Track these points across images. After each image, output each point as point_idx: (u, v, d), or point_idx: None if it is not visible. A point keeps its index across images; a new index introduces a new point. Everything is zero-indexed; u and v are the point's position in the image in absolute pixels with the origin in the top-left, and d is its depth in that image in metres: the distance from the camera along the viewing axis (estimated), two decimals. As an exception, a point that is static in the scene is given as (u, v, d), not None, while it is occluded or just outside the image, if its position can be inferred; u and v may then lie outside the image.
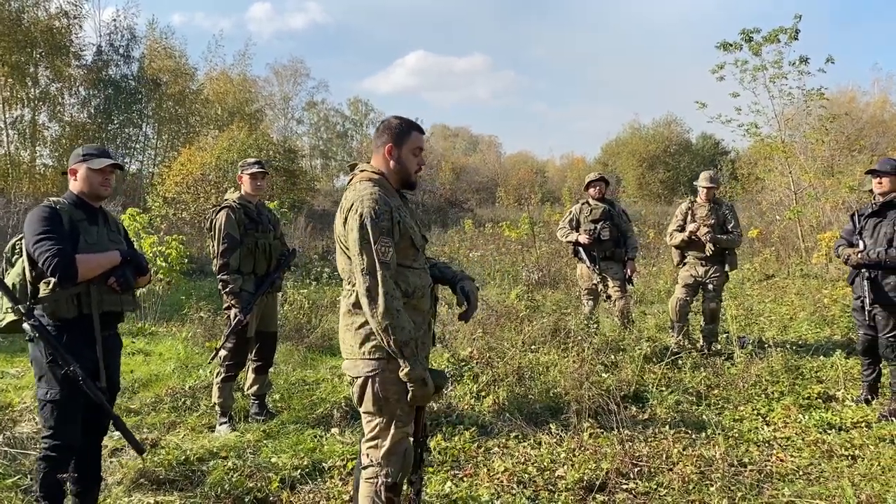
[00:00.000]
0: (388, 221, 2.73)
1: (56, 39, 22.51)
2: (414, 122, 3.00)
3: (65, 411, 3.19)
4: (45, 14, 22.52)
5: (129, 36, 26.07)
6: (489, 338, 6.46)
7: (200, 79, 29.06)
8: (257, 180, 5.06)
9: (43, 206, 3.24)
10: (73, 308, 3.17)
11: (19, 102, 22.30)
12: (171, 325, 8.31)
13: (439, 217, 23.94)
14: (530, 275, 8.56)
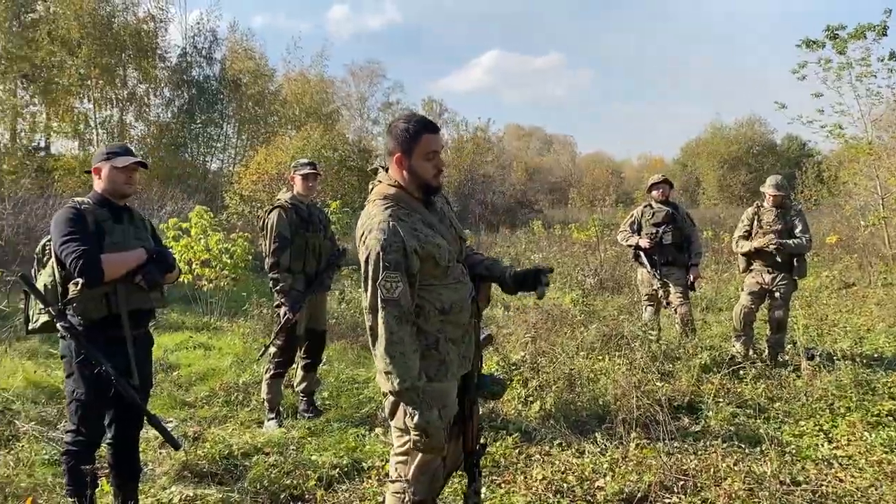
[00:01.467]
0: (398, 253, 2.50)
1: (143, 42, 23.54)
2: (425, 123, 2.70)
3: (89, 410, 3.27)
4: (133, 18, 23.61)
5: (212, 38, 27.01)
6: (542, 342, 6.37)
7: (279, 80, 29.87)
8: (308, 181, 5.13)
9: (68, 207, 3.28)
10: (101, 308, 3.22)
11: (108, 103, 23.42)
12: (234, 320, 8.54)
13: (508, 217, 23.83)
14: (586, 278, 8.38)
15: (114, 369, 3.19)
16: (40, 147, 24.37)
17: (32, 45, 21.38)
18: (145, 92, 24.44)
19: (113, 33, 22.61)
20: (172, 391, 5.78)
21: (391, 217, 2.56)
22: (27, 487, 3.78)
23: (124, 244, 3.31)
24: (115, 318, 3.25)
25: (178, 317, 8.88)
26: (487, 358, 6.22)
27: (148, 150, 24.63)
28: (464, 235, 2.93)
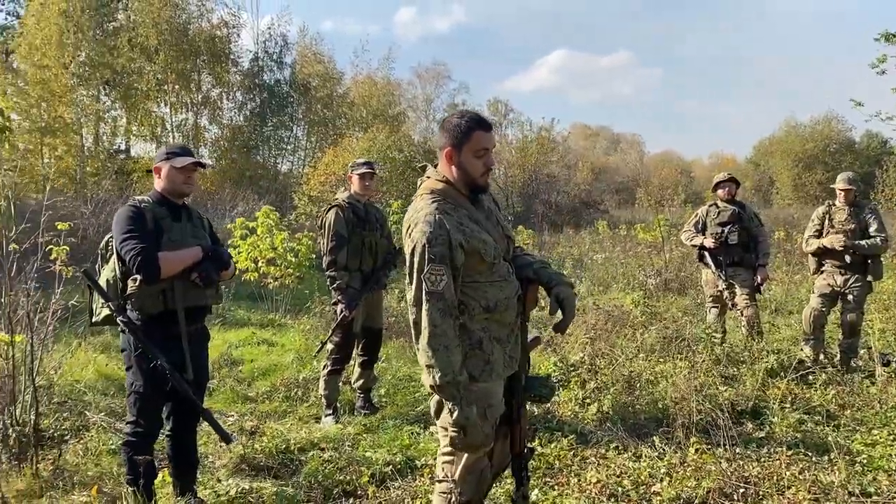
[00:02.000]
0: (444, 246, 2.50)
1: (217, 48, 24.28)
2: (478, 119, 2.70)
3: (146, 402, 3.37)
4: (207, 25, 24.37)
5: (282, 43, 27.64)
6: (601, 343, 6.27)
7: (347, 83, 30.36)
8: (365, 180, 5.19)
9: (128, 206, 3.39)
10: (158, 303, 3.31)
11: (184, 106, 24.26)
12: (298, 317, 8.71)
13: (573, 218, 23.57)
14: (647, 279, 8.21)
15: (169, 363, 3.29)
16: (121, 150, 25.47)
17: (114, 53, 22.33)
18: (218, 96, 25.23)
19: (188, 40, 23.40)
20: (235, 386, 5.94)
21: (437, 210, 2.56)
22: (94, 476, 3.94)
23: (182, 242, 3.40)
24: (171, 314, 3.35)
25: (245, 313, 9.12)
26: (544, 359, 6.18)
27: (221, 153, 25.41)
28: (511, 235, 2.91)
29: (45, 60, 21.34)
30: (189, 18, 23.81)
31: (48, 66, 21.34)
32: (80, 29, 22.03)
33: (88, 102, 23.04)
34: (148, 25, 22.72)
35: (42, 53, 21.34)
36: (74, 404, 5.08)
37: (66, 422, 4.70)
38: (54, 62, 21.40)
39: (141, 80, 22.98)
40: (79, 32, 22.02)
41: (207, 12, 24.34)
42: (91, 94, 23.37)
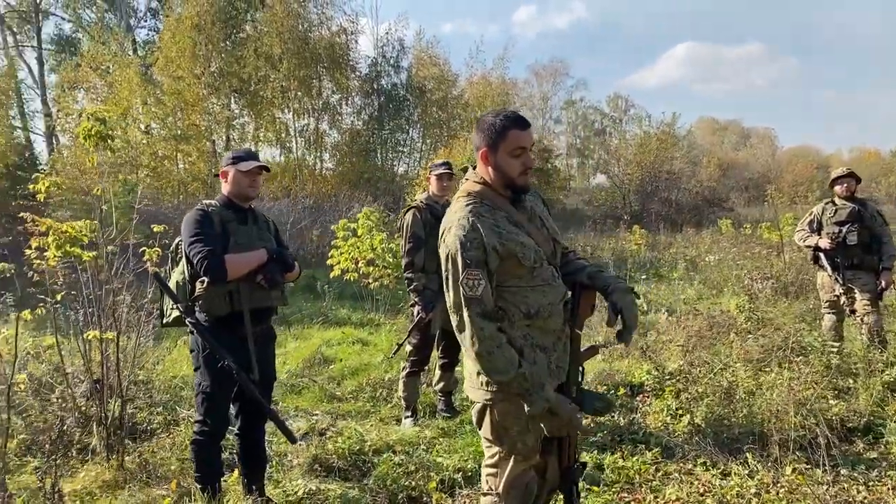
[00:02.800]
0: (478, 250, 2.44)
1: (336, 55, 25.03)
2: (513, 118, 2.57)
3: (214, 402, 3.45)
4: (327, 32, 25.18)
5: (399, 47, 28.13)
6: (701, 351, 5.92)
7: (462, 84, 30.51)
8: (443, 181, 5.12)
9: (196, 210, 3.47)
10: (225, 305, 3.38)
11: (306, 112, 25.18)
12: (396, 317, 8.79)
13: (694, 216, 22.54)
14: (753, 283, 7.64)
15: (236, 364, 3.35)
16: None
17: (241, 63, 23.50)
18: (338, 101, 25.98)
19: (309, 47, 24.26)
20: (324, 384, 6.03)
21: (471, 213, 2.50)
22: (175, 470, 4.09)
23: (248, 245, 3.45)
24: (237, 315, 3.41)
25: (347, 313, 9.31)
26: (637, 366, 5.91)
27: (341, 156, 26.21)
28: (559, 237, 2.76)
29: (179, 72, 22.76)
30: (310, 27, 24.68)
31: (182, 77, 22.74)
32: (211, 41, 23.34)
33: (219, 110, 24.36)
34: (272, 35, 23.73)
35: (177, 65, 22.76)
36: (169, 400, 5.32)
37: (158, 416, 4.91)
38: (188, 73, 22.78)
39: (266, 87, 24.06)
40: (209, 44, 23.34)
41: (327, 20, 25.17)
42: (222, 102, 24.70)
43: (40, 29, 28.59)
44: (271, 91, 24.12)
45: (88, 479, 3.95)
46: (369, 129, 27.06)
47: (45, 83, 27.87)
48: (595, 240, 17.05)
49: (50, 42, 29.33)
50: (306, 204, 19.40)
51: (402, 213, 5.16)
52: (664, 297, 8.71)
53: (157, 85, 23.33)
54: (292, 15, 24.14)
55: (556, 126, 41.11)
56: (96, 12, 30.10)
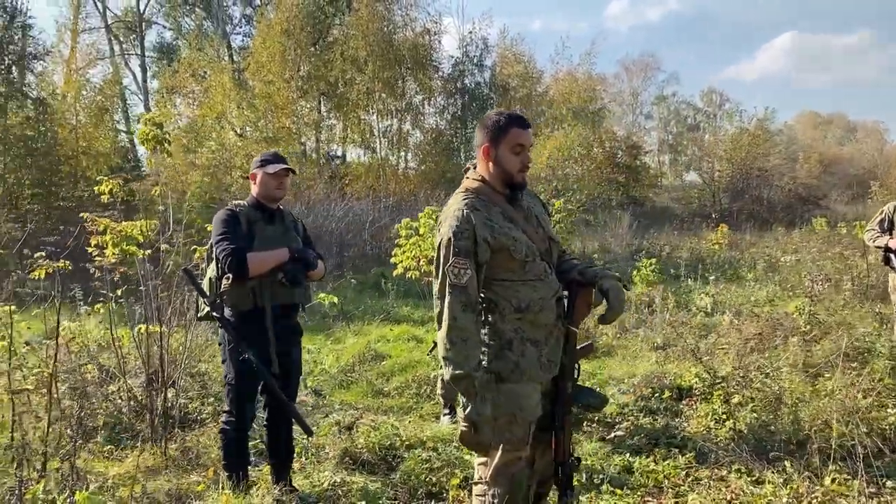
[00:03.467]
0: (469, 241, 2.53)
1: (420, 55, 25.35)
2: (515, 116, 2.72)
3: (238, 393, 3.60)
4: (411, 34, 25.53)
5: (483, 46, 28.17)
6: (756, 355, 5.72)
7: (547, 81, 30.30)
8: None
9: (224, 210, 3.65)
10: (248, 301, 3.52)
11: (389, 113, 25.63)
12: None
13: (787, 215, 21.53)
14: (814, 284, 7.26)
15: (259, 358, 3.50)
16: (336, 156, 27.53)
17: (328, 66, 24.18)
18: (421, 102, 26.30)
19: (393, 49, 24.66)
20: (372, 380, 6.17)
21: (466, 206, 2.60)
22: (215, 458, 4.26)
23: (272, 244, 3.59)
24: (261, 311, 3.55)
25: (409, 310, 9.46)
26: (686, 369, 5.77)
27: (423, 156, 26.53)
28: (555, 238, 2.88)
29: (269, 76, 23.60)
30: (394, 28, 25.09)
31: (272, 81, 23.58)
32: (300, 45, 24.08)
33: (307, 112, 25.13)
34: (358, 38, 24.27)
35: (267, 70, 23.61)
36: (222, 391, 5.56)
37: (209, 406, 5.16)
38: (277, 77, 23.59)
39: (352, 89, 24.63)
40: (298, 49, 24.09)
41: (411, 21, 25.52)
42: (310, 105, 25.48)
43: (143, 37, 30.35)
44: (356, 93, 24.66)
45: (133, 463, 4.20)
46: (452, 129, 27.26)
47: (147, 89, 29.55)
48: (677, 239, 16.60)
49: (152, 50, 31.05)
50: (388, 203, 19.76)
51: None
52: (733, 298, 8.42)
53: (248, 89, 24.28)
54: (377, 17, 24.60)
55: (647, 122, 40.19)
56: (195, 20, 31.61)
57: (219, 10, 29.92)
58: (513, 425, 2.65)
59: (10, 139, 18.72)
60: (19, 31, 18.92)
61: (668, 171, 38.31)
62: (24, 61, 19.14)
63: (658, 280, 8.96)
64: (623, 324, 7.79)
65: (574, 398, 2.89)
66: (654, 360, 6.31)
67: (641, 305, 8.24)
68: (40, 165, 18.86)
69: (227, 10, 30.74)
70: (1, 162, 18.97)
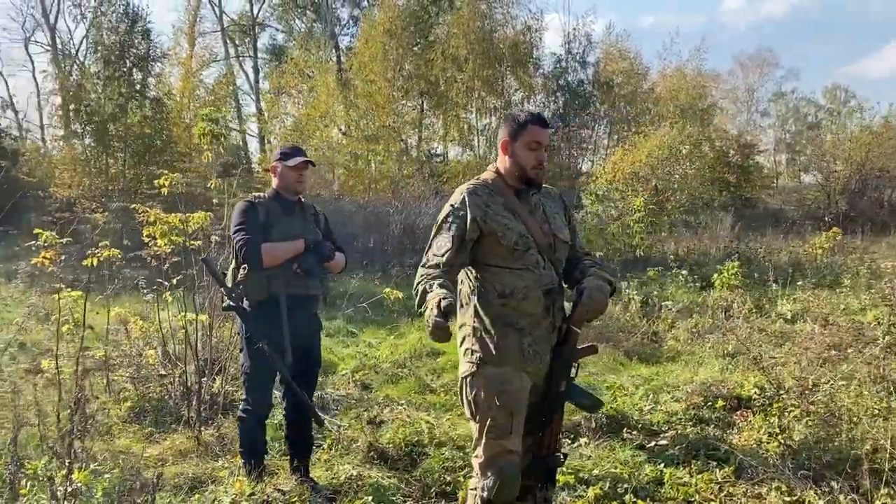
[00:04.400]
0: (461, 219, 2.73)
1: (520, 53, 25.18)
2: (536, 116, 2.87)
3: (254, 381, 3.69)
4: (512, 31, 25.40)
5: (586, 42, 27.65)
6: (828, 366, 5.32)
7: (653, 77, 29.37)
8: None
9: (244, 201, 3.74)
10: (264, 291, 3.60)
11: (488, 112, 25.59)
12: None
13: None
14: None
15: (271, 347, 3.56)
16: (437, 154, 27.80)
17: (429, 65, 24.44)
18: (520, 100, 26.09)
19: (493, 47, 24.62)
20: (423, 377, 6.17)
21: (467, 189, 2.82)
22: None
23: (289, 235, 3.65)
24: (276, 301, 3.61)
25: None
26: (745, 377, 5.45)
27: (523, 155, 26.28)
28: (563, 237, 2.92)
29: (371, 75, 24.11)
30: (494, 26, 25.03)
31: (374, 81, 24.07)
32: (402, 45, 24.47)
33: (408, 111, 25.49)
34: (458, 37, 24.37)
35: (369, 69, 24.13)
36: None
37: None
38: (379, 76, 24.06)
39: (452, 88, 24.77)
40: (400, 48, 24.48)
41: (512, 19, 25.38)
42: (411, 103, 25.85)
43: (256, 40, 31.70)
44: (456, 91, 24.77)
45: (167, 447, 4.39)
46: (552, 127, 26.89)
47: (258, 90, 30.81)
48: (781, 242, 15.71)
49: (265, 52, 32.33)
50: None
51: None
52: (822, 305, 7.87)
53: (351, 88, 24.89)
54: (478, 15, 24.62)
55: (763, 119, 38.13)
56: (305, 23, 32.70)
57: (327, 11, 30.83)
58: (495, 411, 2.69)
59: (130, 137, 20.03)
60: (140, 35, 20.11)
61: (785, 171, 36.21)
62: (143, 63, 20.35)
63: (740, 284, 8.50)
64: (695, 328, 7.45)
65: (567, 396, 2.90)
66: (717, 368, 5.99)
67: (718, 310, 7.84)
68: (156, 161, 20.07)
69: (335, 12, 31.62)
70: (122, 158, 20.33)
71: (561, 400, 2.89)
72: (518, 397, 2.72)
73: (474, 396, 2.74)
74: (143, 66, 20.71)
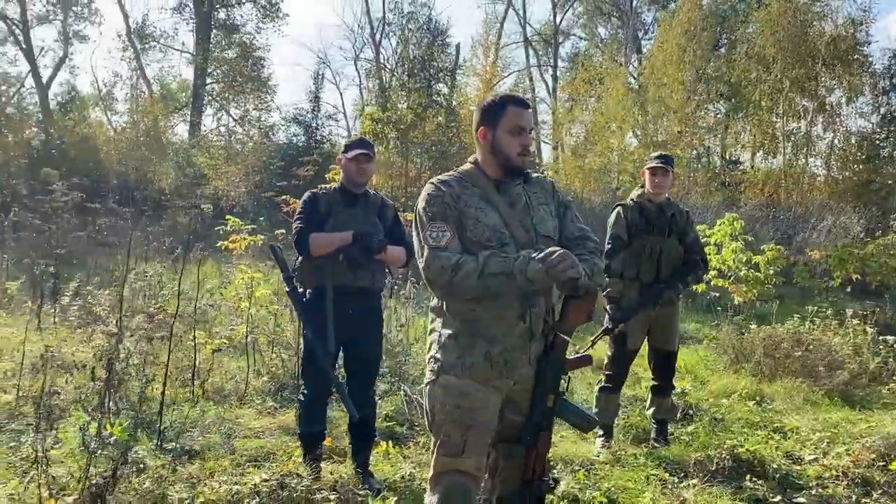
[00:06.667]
0: (441, 206, 2.46)
1: (840, 49, 22.12)
2: (512, 97, 2.58)
3: (306, 367, 3.80)
4: (831, 26, 22.43)
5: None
6: None
7: None
8: (656, 176, 4.48)
9: (308, 192, 3.85)
10: (313, 279, 3.70)
11: (797, 115, 22.89)
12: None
13: None
14: None
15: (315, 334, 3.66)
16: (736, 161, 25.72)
17: (730, 66, 22.71)
18: (838, 101, 22.94)
19: (807, 43, 22.01)
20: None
21: (439, 181, 2.55)
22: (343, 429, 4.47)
23: (346, 226, 3.71)
24: (324, 290, 3.69)
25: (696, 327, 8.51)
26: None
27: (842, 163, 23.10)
28: (545, 231, 2.56)
29: (664, 79, 23.14)
30: (809, 20, 22.35)
31: (666, 84, 23.07)
32: (701, 46, 23.07)
33: (703, 115, 23.96)
34: (766, 34, 22.25)
35: (662, 73, 23.19)
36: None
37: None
38: (673, 80, 22.98)
39: (755, 90, 22.70)
40: (699, 49, 23.08)
41: (832, 13, 22.44)
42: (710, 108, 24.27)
43: (558, 48, 32.24)
44: (759, 94, 22.63)
45: (272, 422, 4.71)
46: (884, 131, 23.15)
47: (556, 98, 31.26)
48: None
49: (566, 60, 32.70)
50: (797, 213, 17.96)
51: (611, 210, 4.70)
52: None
53: (641, 93, 24.14)
54: (790, 11, 22.19)
55: None
56: (610, 29, 32.46)
57: (631, 16, 30.23)
58: (448, 425, 2.45)
59: (427, 144, 21.76)
60: (439, 48, 21.75)
61: None
62: (441, 75, 21.95)
63: None
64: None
65: (558, 415, 2.58)
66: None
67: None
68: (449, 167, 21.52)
69: (639, 16, 30.91)
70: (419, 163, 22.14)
71: (548, 417, 2.54)
72: (477, 415, 2.43)
73: (431, 407, 2.52)
74: (442, 77, 22.30)
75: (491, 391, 2.46)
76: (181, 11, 29.36)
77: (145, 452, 3.66)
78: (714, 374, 6.33)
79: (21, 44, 26.55)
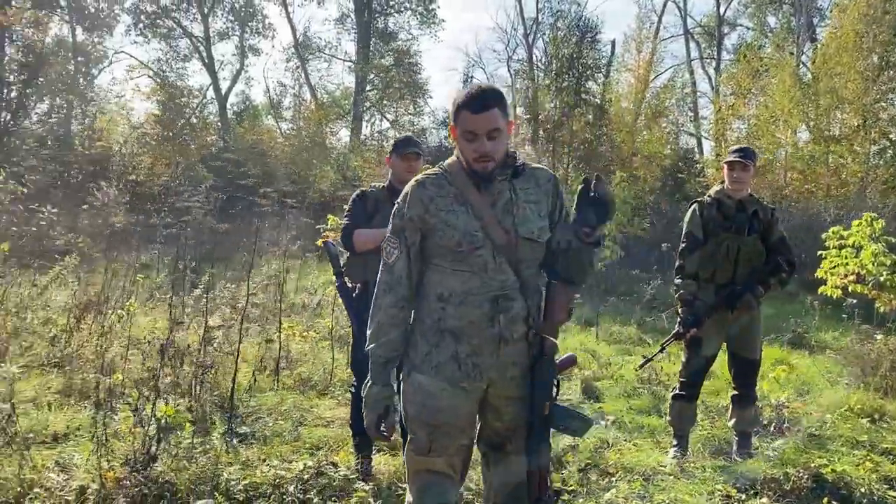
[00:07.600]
0: (401, 219, 2.43)
1: None
2: (466, 98, 2.31)
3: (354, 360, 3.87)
4: None
5: None
6: None
7: None
8: (735, 171, 4.16)
9: (358, 190, 3.96)
10: (359, 273, 3.79)
11: None
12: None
13: None
14: None
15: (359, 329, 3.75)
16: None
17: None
18: None
19: None
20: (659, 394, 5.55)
21: (417, 181, 2.46)
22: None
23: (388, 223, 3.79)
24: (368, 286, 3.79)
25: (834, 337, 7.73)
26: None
27: None
28: (528, 233, 2.39)
29: (837, 68, 21.25)
30: None
31: (840, 74, 21.18)
32: (883, 30, 20.96)
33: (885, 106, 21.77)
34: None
35: (835, 61, 21.32)
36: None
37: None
38: (847, 68, 21.06)
39: None
40: (882, 34, 20.97)
41: None
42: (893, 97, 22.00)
43: (722, 39, 30.43)
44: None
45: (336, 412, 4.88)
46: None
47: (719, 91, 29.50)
48: None
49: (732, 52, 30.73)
50: None
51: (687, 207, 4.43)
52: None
53: (813, 84, 22.32)
54: None
55: None
56: (781, 18, 30.23)
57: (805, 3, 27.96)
58: (415, 423, 2.43)
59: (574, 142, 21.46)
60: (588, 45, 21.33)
61: None
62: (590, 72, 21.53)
63: None
64: None
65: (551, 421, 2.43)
66: None
67: None
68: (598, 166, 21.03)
69: (814, 1, 28.52)
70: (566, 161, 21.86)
71: (547, 427, 2.41)
72: (441, 417, 2.38)
73: (403, 404, 2.48)
74: (591, 74, 21.87)
75: (460, 393, 2.38)
76: (343, 22, 30.97)
77: (216, 435, 3.96)
78: (832, 387, 5.77)
79: (204, 59, 29.15)
